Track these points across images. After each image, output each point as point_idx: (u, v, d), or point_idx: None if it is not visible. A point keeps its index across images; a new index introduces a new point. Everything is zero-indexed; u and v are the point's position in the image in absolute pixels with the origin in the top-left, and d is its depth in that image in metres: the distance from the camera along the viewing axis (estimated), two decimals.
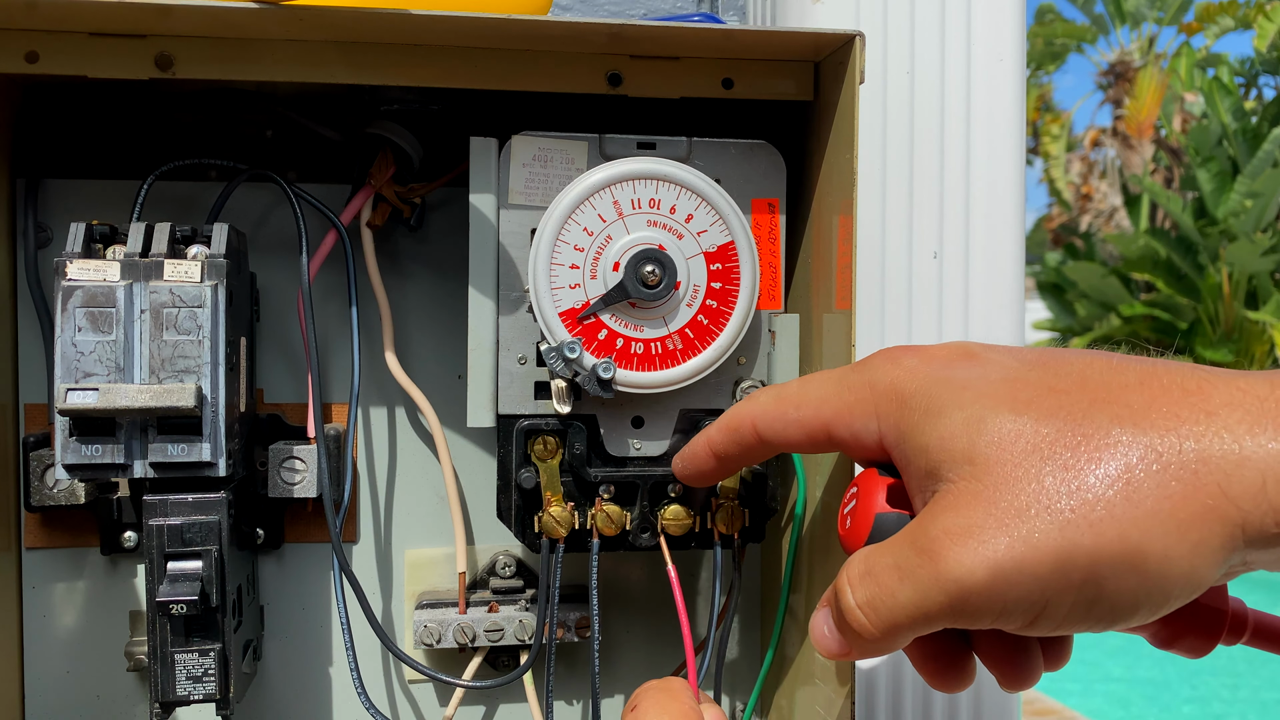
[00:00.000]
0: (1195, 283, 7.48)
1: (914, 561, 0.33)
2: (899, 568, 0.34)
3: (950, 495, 0.33)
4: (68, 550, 0.58)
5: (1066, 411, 0.32)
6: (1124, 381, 0.33)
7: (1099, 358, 0.35)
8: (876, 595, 0.34)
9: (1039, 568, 0.31)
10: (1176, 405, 0.31)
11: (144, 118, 0.57)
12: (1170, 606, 0.32)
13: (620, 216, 0.51)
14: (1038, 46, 9.75)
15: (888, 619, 0.34)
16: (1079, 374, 0.34)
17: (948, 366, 0.36)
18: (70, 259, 0.48)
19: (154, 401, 0.47)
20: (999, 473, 0.32)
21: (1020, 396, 0.33)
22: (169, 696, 0.50)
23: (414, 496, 0.62)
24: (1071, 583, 0.31)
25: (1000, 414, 0.33)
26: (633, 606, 0.64)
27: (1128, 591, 0.31)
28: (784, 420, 0.41)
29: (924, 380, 0.36)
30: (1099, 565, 0.31)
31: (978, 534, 0.32)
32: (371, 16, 0.46)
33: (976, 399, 0.34)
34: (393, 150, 0.57)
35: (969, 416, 0.34)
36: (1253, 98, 8.78)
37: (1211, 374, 0.33)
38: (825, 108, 0.52)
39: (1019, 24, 0.63)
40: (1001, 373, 0.35)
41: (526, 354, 0.53)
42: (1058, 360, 0.35)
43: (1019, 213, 0.63)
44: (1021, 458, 0.32)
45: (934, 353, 0.38)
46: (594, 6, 0.72)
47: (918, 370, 0.37)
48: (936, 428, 0.34)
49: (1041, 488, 0.31)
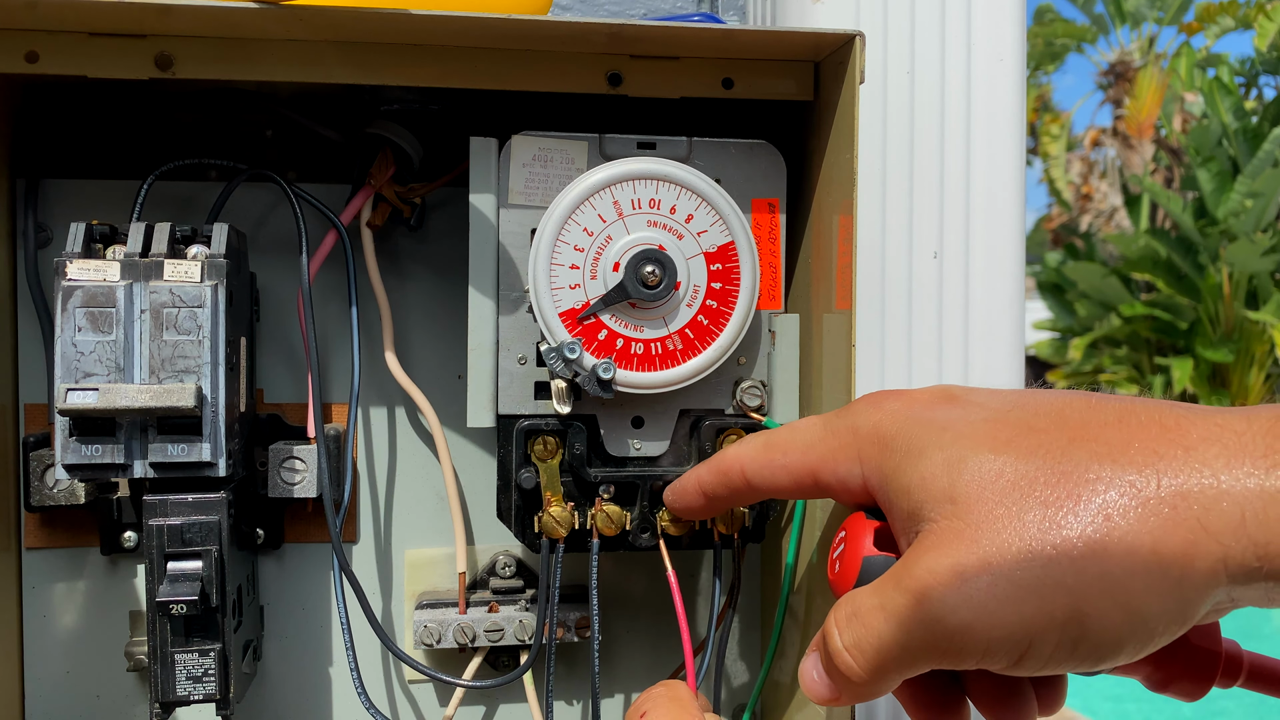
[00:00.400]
0: (1195, 283, 7.48)
1: (898, 602, 0.33)
2: (884, 609, 0.34)
3: (933, 535, 0.33)
4: (68, 550, 0.58)
5: (1045, 450, 0.33)
6: (1102, 419, 0.33)
7: (1077, 397, 0.35)
8: (863, 637, 0.34)
9: (1022, 605, 0.31)
10: (1154, 441, 0.32)
11: (144, 118, 0.57)
12: (1156, 644, 0.32)
13: (620, 216, 0.51)
14: (1038, 46, 9.75)
15: (875, 661, 0.34)
16: (1057, 413, 0.34)
17: (929, 409, 0.37)
18: (70, 259, 0.48)
19: (154, 401, 0.47)
20: (980, 511, 0.32)
21: (1000, 436, 0.34)
22: (169, 696, 0.50)
23: (414, 496, 0.62)
24: (1055, 620, 0.31)
25: (980, 453, 0.33)
26: (633, 606, 0.64)
27: (1112, 628, 0.31)
28: (771, 467, 0.41)
29: (905, 422, 0.37)
30: (1082, 602, 0.31)
31: (959, 573, 0.32)
32: (371, 16, 0.46)
33: (956, 439, 0.34)
34: (393, 150, 0.57)
35: (949, 457, 0.34)
36: (1253, 98, 8.78)
37: (1189, 410, 0.33)
38: (825, 108, 0.52)
39: (1019, 24, 0.63)
40: (981, 414, 0.35)
41: (526, 354, 0.53)
42: (1036, 400, 0.35)
43: (1019, 213, 0.63)
44: (1002, 496, 0.32)
45: (915, 396, 0.38)
46: (594, 6, 0.72)
47: (899, 413, 0.37)
48: (918, 468, 0.35)
49: (1023, 525, 0.32)
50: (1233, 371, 7.42)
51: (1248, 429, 0.31)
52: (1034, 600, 0.31)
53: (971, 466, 0.33)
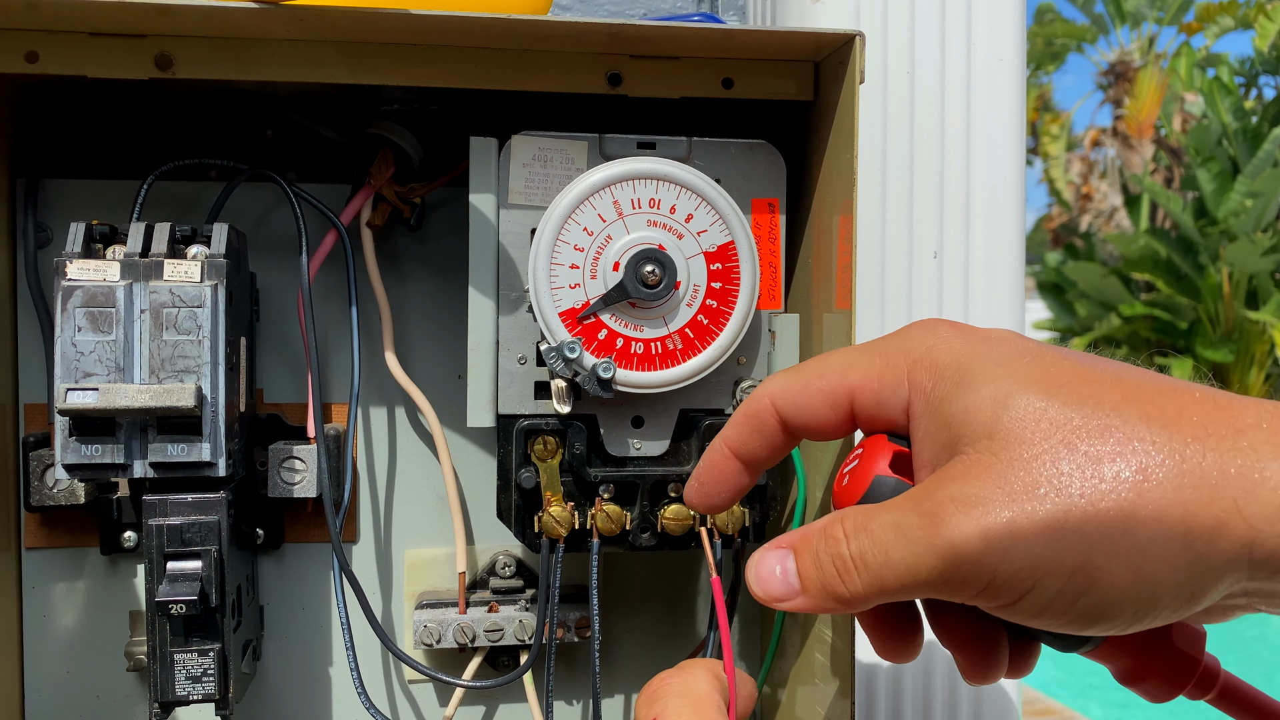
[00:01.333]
0: (1195, 283, 7.48)
1: (913, 523, 0.33)
2: (898, 527, 0.33)
3: (962, 465, 0.33)
4: (67, 550, 0.58)
5: (1097, 400, 0.32)
6: (1158, 386, 0.33)
7: (1134, 367, 0.35)
8: (870, 551, 0.34)
9: (1035, 543, 0.31)
10: (1207, 417, 0.31)
11: (144, 118, 0.57)
12: (1156, 617, 0.32)
13: (620, 216, 0.51)
14: (1038, 46, 9.75)
15: (876, 576, 0.34)
16: (1114, 371, 0.34)
17: (984, 342, 0.36)
18: (70, 259, 0.48)
19: (154, 401, 0.47)
20: (1017, 450, 0.32)
21: (1053, 379, 0.33)
22: (168, 696, 0.50)
23: (414, 496, 0.62)
24: (1065, 566, 0.31)
25: (1029, 393, 0.33)
26: (633, 606, 0.64)
27: (1118, 588, 0.31)
28: (806, 393, 0.39)
29: (959, 352, 0.36)
30: (1096, 555, 0.31)
31: (983, 504, 0.32)
32: (371, 16, 0.46)
33: (1009, 376, 0.34)
34: (393, 150, 0.57)
35: (998, 392, 0.33)
36: (1253, 98, 8.78)
37: (1239, 396, 0.33)
38: (825, 108, 0.52)
39: (1019, 24, 0.63)
40: (1039, 356, 0.35)
41: (526, 354, 0.53)
42: (1093, 358, 0.35)
43: (1019, 213, 0.63)
44: (1042, 439, 0.32)
45: (973, 330, 0.37)
46: (594, 6, 0.72)
47: (954, 341, 0.36)
48: (964, 400, 0.34)
49: (1057, 470, 0.31)
50: (1233, 371, 7.42)
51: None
52: (1049, 542, 0.31)
53: (1018, 404, 0.33)
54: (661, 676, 0.40)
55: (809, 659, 0.54)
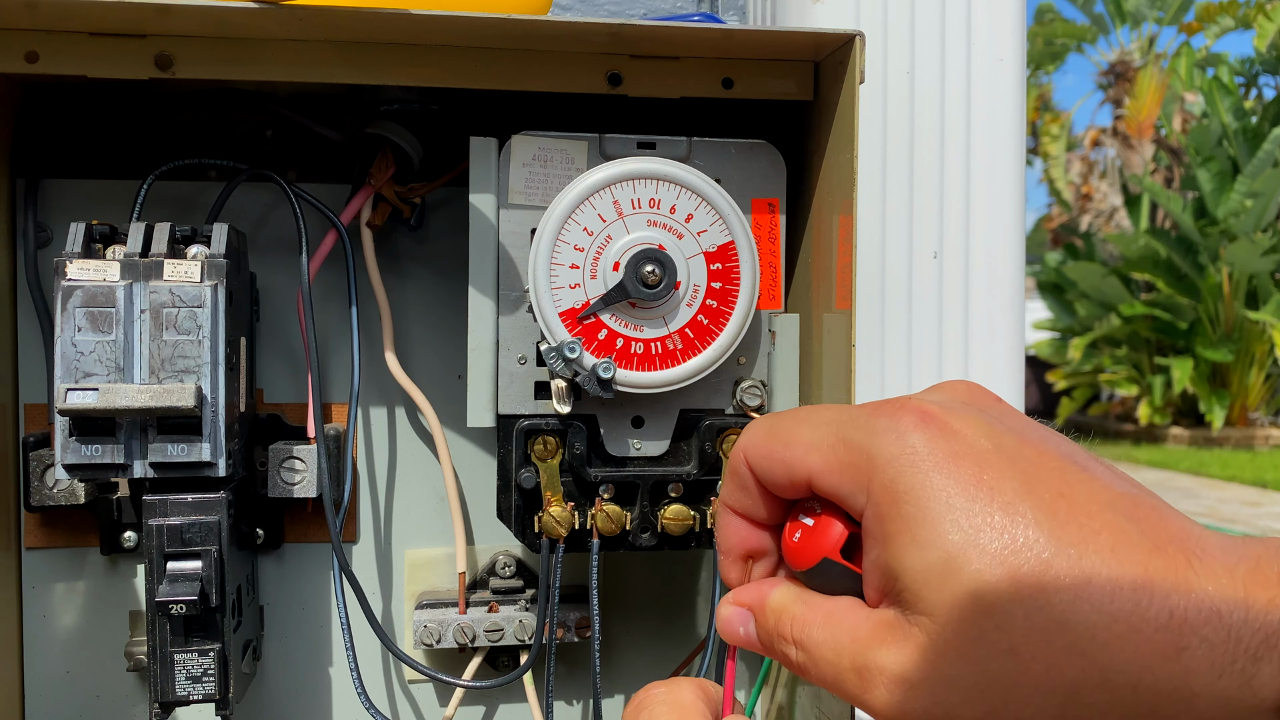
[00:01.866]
0: (1195, 283, 7.48)
1: (849, 677, 0.34)
2: (835, 667, 0.34)
3: (899, 634, 0.33)
4: (68, 550, 0.58)
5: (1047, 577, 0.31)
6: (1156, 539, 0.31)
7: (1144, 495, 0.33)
8: (809, 666, 0.35)
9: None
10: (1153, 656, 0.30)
11: (144, 118, 0.57)
12: None
13: (620, 216, 0.51)
14: (1038, 46, 9.75)
15: (820, 682, 0.35)
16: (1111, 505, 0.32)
17: (954, 465, 0.33)
18: (70, 259, 0.48)
19: (154, 401, 0.47)
20: (951, 641, 0.32)
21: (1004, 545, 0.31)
22: (169, 696, 0.50)
23: (414, 496, 0.62)
24: None
25: (981, 560, 0.31)
26: (633, 606, 0.64)
27: None
28: (770, 458, 0.38)
29: (922, 482, 0.33)
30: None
31: (907, 689, 0.32)
32: (371, 16, 0.46)
33: (964, 544, 0.32)
34: (393, 150, 0.57)
35: (949, 563, 0.32)
36: (1253, 98, 8.78)
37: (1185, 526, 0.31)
38: (825, 108, 0.52)
39: (1019, 24, 0.63)
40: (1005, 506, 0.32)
41: (526, 354, 0.53)
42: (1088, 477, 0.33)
43: (1019, 213, 0.63)
44: (979, 633, 0.31)
45: (948, 434, 0.34)
46: (594, 6, 0.72)
47: (920, 462, 0.34)
48: (914, 557, 0.33)
49: (987, 673, 0.31)
50: (1233, 371, 7.42)
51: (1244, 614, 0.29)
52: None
53: (964, 580, 0.31)
54: (648, 688, 0.40)
55: None
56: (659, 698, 0.39)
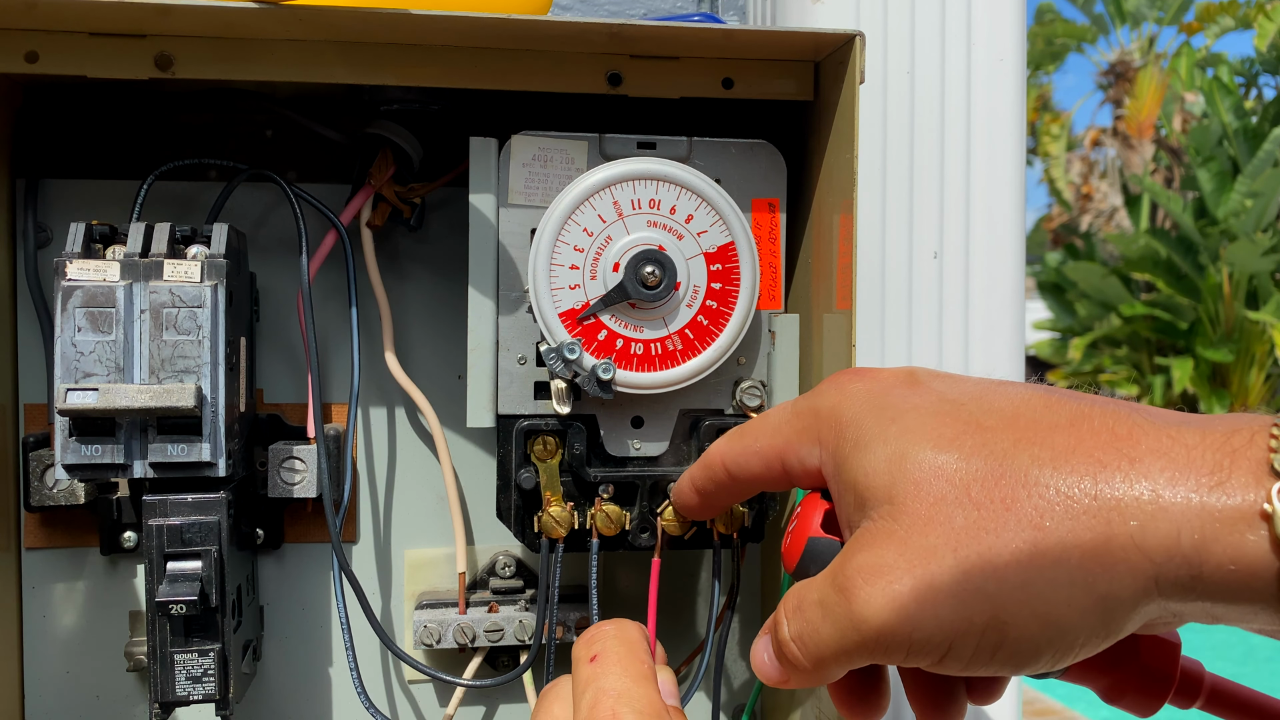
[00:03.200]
0: (1195, 283, 7.48)
1: (833, 599, 0.34)
2: (822, 604, 0.34)
3: (868, 534, 0.34)
4: (67, 550, 0.58)
5: (988, 450, 0.32)
6: (1053, 421, 0.32)
7: (1037, 395, 0.34)
8: (804, 630, 0.35)
9: (941, 607, 0.31)
10: (1102, 450, 0.31)
11: (144, 118, 0.57)
12: (1078, 654, 0.32)
13: (620, 217, 0.51)
14: (1038, 46, 9.75)
15: (815, 654, 0.35)
16: (1011, 411, 0.33)
17: (886, 394, 0.36)
18: (70, 259, 0.48)
19: (154, 401, 0.47)
20: (914, 512, 0.32)
21: (945, 433, 0.33)
22: (169, 697, 0.50)
23: (414, 496, 0.62)
24: (974, 626, 0.31)
25: (922, 450, 0.33)
26: (633, 606, 0.64)
27: (1029, 638, 0.31)
28: (746, 454, 0.41)
29: (860, 408, 0.36)
30: (1001, 611, 0.31)
31: (886, 574, 0.32)
32: (371, 16, 0.46)
33: (902, 434, 0.34)
34: (393, 150, 0.57)
35: (893, 452, 0.34)
36: (1253, 98, 8.78)
37: (1147, 418, 0.31)
38: (825, 107, 0.52)
39: (1019, 24, 0.63)
40: (935, 404, 0.35)
41: (526, 354, 0.53)
42: (995, 394, 0.34)
43: (1019, 213, 0.63)
44: (937, 497, 0.32)
45: (879, 377, 0.37)
46: (594, 6, 0.72)
47: (858, 397, 0.37)
48: (863, 462, 0.34)
49: (952, 529, 0.31)
50: (1233, 371, 7.42)
51: (1200, 443, 0.30)
52: (954, 605, 0.31)
53: (911, 464, 0.33)
54: (598, 624, 0.42)
55: None
56: (609, 633, 0.41)
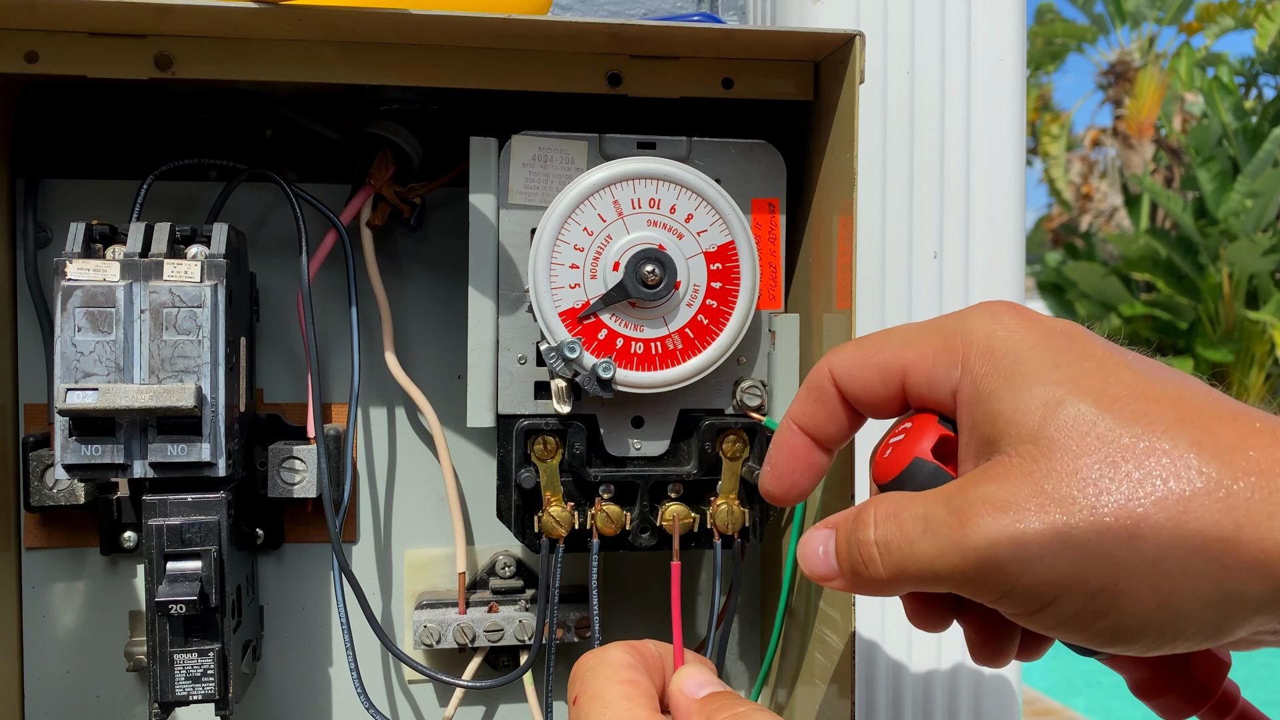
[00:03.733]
0: (1195, 283, 7.48)
1: (942, 518, 0.32)
2: (926, 519, 0.33)
3: (1001, 466, 0.32)
4: (67, 550, 0.58)
5: (1150, 420, 0.31)
6: (1217, 412, 0.31)
7: (1195, 382, 0.33)
8: (895, 539, 0.33)
9: (1060, 558, 0.30)
10: (1265, 452, 0.30)
11: (144, 118, 0.57)
12: (1176, 646, 0.31)
13: (620, 216, 0.51)
14: (1038, 46, 9.75)
15: (898, 565, 0.33)
16: (1175, 389, 0.32)
17: (1047, 336, 0.35)
18: (70, 259, 0.48)
19: (154, 401, 0.47)
20: (1059, 460, 0.31)
21: (1110, 391, 0.32)
22: (168, 697, 0.50)
23: (414, 496, 0.62)
24: (1088, 585, 0.30)
25: (1082, 402, 0.32)
26: (633, 606, 0.64)
27: (1140, 616, 0.30)
28: (862, 365, 0.38)
29: (1019, 343, 0.34)
30: (1122, 578, 0.30)
31: (1014, 510, 0.31)
32: (371, 16, 0.46)
33: (1064, 380, 0.32)
34: (393, 150, 0.57)
35: (1050, 396, 0.32)
36: (1253, 97, 8.78)
37: None
38: (825, 108, 0.52)
39: (1019, 24, 0.63)
40: (1100, 361, 0.33)
41: (526, 354, 0.53)
42: (1157, 369, 0.34)
43: (1019, 213, 0.63)
44: (1087, 452, 0.31)
45: (1040, 321, 0.36)
46: (594, 6, 0.72)
47: (1015, 331, 0.35)
48: (1014, 397, 0.33)
49: (1097, 487, 0.30)
50: (1233, 371, 7.42)
51: None
52: (1075, 561, 0.30)
53: (1068, 412, 0.32)
54: (580, 659, 0.40)
55: (809, 659, 0.54)
56: (587, 664, 0.39)
